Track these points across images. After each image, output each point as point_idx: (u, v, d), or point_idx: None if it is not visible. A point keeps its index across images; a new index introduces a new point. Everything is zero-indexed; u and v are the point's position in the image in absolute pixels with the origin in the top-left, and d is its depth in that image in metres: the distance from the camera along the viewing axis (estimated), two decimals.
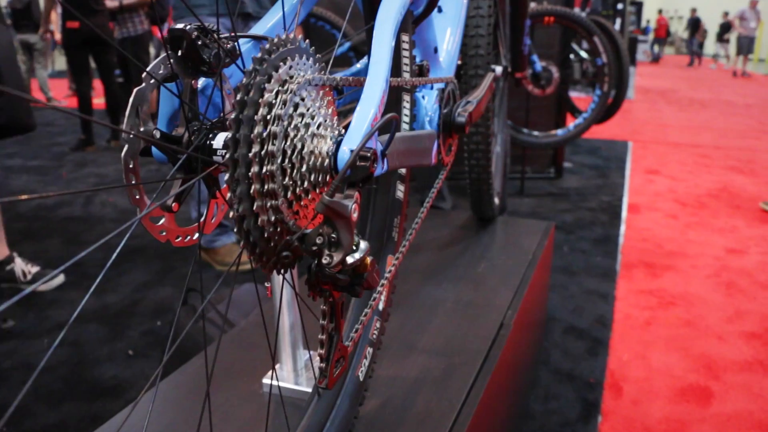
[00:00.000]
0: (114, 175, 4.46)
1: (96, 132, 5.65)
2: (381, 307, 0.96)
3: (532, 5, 3.44)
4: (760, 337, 2.19)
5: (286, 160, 0.54)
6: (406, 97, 0.95)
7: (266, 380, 1.06)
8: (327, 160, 0.57)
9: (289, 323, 1.03)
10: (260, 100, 0.52)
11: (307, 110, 0.57)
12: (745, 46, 14.24)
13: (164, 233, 0.63)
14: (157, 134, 0.59)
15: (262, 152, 0.52)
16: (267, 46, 0.55)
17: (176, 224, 0.65)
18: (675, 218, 3.51)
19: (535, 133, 3.54)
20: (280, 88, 0.54)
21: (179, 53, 0.60)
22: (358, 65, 0.98)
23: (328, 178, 0.58)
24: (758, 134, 6.50)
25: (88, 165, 4.83)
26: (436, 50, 1.08)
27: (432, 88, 1.04)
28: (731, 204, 3.82)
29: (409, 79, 0.84)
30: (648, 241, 3.12)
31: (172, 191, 0.62)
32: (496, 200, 1.83)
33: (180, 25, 0.60)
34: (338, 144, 0.57)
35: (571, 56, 4.17)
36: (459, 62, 1.51)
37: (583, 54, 4.00)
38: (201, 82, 0.65)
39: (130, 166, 0.57)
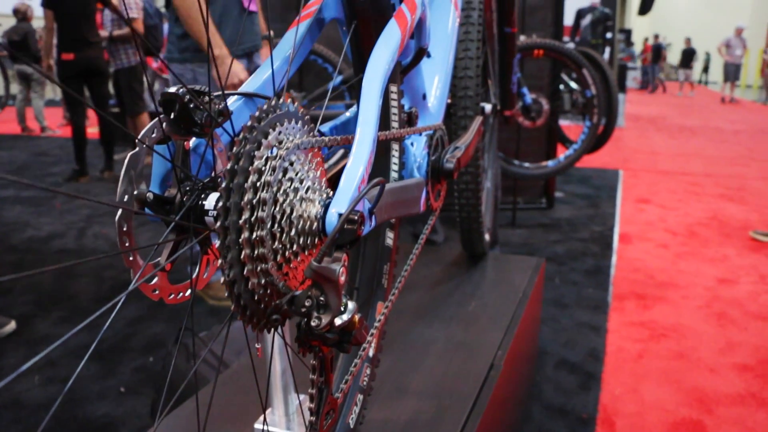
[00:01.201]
0: (106, 207, 4.46)
1: (90, 162, 5.66)
2: (371, 353, 0.97)
3: (522, 38, 3.50)
4: (752, 369, 2.20)
5: (276, 225, 0.56)
6: (395, 146, 0.97)
7: (258, 425, 1.06)
8: (316, 224, 0.59)
9: (281, 368, 1.03)
10: (250, 168, 0.54)
11: (296, 174, 0.59)
12: (732, 73, 14.44)
13: (157, 292, 0.64)
14: (150, 196, 0.61)
15: (252, 219, 0.54)
16: (257, 113, 0.57)
17: (169, 282, 0.66)
18: (666, 248, 3.53)
19: (526, 164, 3.57)
20: (269, 154, 0.56)
21: (171, 116, 0.62)
22: (348, 113, 1.00)
23: (317, 240, 0.59)
24: (747, 161, 6.57)
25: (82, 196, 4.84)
26: (424, 96, 1.10)
27: (421, 134, 1.06)
28: (721, 232, 3.85)
29: (398, 131, 0.86)
30: (639, 272, 3.14)
31: (164, 251, 0.64)
32: (487, 236, 1.84)
33: (172, 89, 0.62)
34: (326, 207, 0.59)
35: (561, 87, 4.23)
36: (449, 101, 1.53)
37: (573, 85, 4.06)
38: (193, 141, 0.67)
39: (124, 229, 0.59)
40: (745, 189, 5.13)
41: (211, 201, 0.62)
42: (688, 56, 17.59)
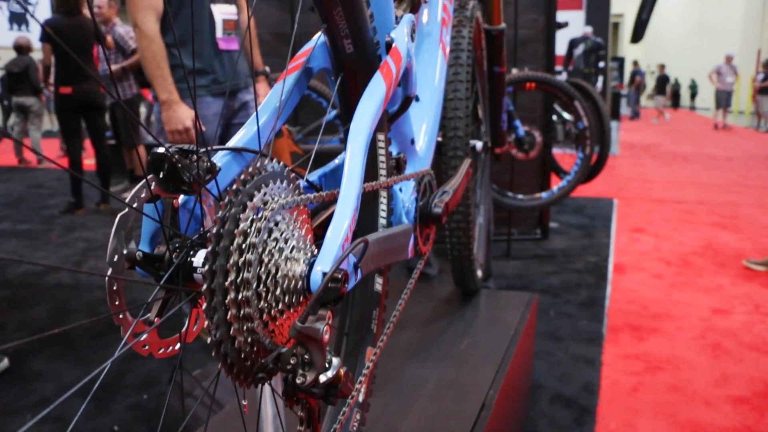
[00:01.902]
0: (103, 239, 4.47)
1: (86, 194, 5.68)
2: (361, 398, 0.98)
3: (514, 71, 3.55)
4: (747, 401, 2.20)
5: (261, 285, 0.57)
6: (384, 192, 0.99)
7: None
8: (300, 282, 0.60)
9: (271, 414, 1.04)
10: (235, 231, 0.56)
11: (281, 234, 0.60)
12: (724, 100, 14.59)
13: (147, 347, 0.65)
14: (140, 255, 0.62)
15: (238, 280, 0.55)
16: (242, 175, 0.58)
17: (158, 337, 0.67)
18: (660, 278, 3.54)
19: (520, 196, 3.60)
20: (254, 216, 0.58)
21: (161, 175, 0.63)
22: (336, 161, 1.01)
23: (302, 298, 0.60)
24: (740, 188, 6.61)
25: (77, 229, 4.85)
26: (413, 141, 1.12)
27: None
28: (716, 261, 3.86)
29: (384, 181, 0.87)
30: (634, 303, 3.14)
31: (154, 307, 0.65)
32: (479, 272, 1.86)
33: (161, 150, 0.64)
34: (311, 266, 0.61)
35: (554, 117, 4.28)
36: (439, 139, 1.56)
37: (566, 115, 4.11)
38: (181, 198, 0.69)
39: (114, 287, 0.60)
40: (738, 216, 5.16)
41: (199, 258, 0.63)
42: (662, 83, 17.77)
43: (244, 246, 0.56)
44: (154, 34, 2.25)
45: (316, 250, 0.63)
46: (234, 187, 0.57)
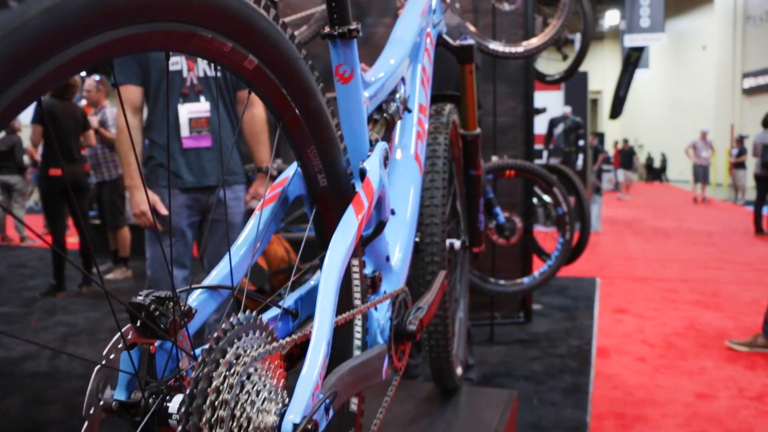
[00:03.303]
0: (84, 324, 4.42)
1: (68, 275, 5.65)
2: None
3: (494, 158, 3.65)
4: None
5: None
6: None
7: None
8: None
9: None
10: (209, 389, 0.58)
11: (253, 387, 0.62)
12: (701, 175, 14.95)
13: None
14: (116, 405, 0.64)
15: None
16: (215, 334, 0.61)
17: None
18: (644, 361, 3.55)
19: (502, 281, 3.63)
20: (227, 372, 0.60)
21: (138, 323, 0.66)
22: (312, 281, 1.04)
23: None
24: (720, 264, 6.70)
25: (58, 312, 4.80)
26: (388, 258, 1.15)
27: (384, 294, 1.11)
28: (698, 343, 3.88)
29: (358, 309, 0.90)
30: (618, 389, 3.13)
31: None
32: (459, 370, 1.86)
33: (139, 299, 0.66)
34: (282, 416, 0.62)
35: (535, 200, 4.37)
36: (417, 239, 1.59)
37: (546, 198, 4.20)
38: (157, 342, 0.71)
39: None
40: (719, 294, 5.21)
41: (175, 403, 0.65)
42: (627, 156, 18.05)
43: (216, 403, 0.58)
44: (122, 126, 2.48)
45: (287, 398, 0.65)
46: (207, 345, 0.60)
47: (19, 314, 4.77)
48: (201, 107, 2.46)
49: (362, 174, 0.98)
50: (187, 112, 2.45)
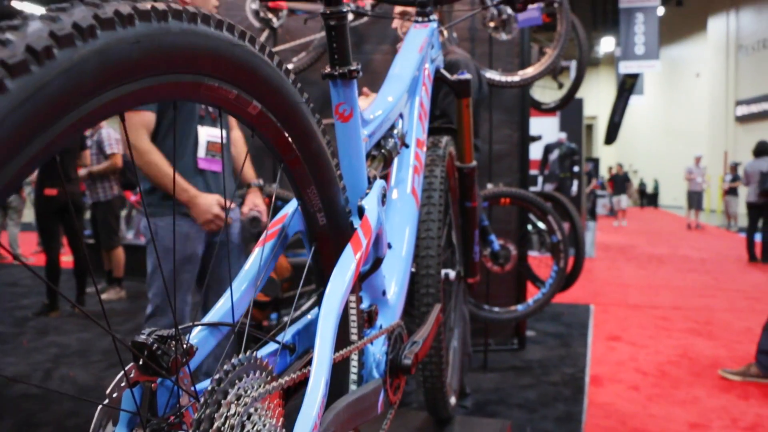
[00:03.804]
0: (76, 345, 4.40)
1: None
2: None
3: (489, 186, 3.68)
4: None
5: None
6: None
7: None
8: None
9: None
10: (210, 430, 0.59)
11: (254, 427, 0.63)
12: (695, 201, 15.04)
13: None
14: None
15: None
16: (216, 376, 0.62)
17: None
18: (637, 390, 3.55)
19: (496, 309, 3.64)
20: (228, 413, 0.61)
21: (140, 362, 0.67)
22: (309, 316, 1.05)
23: None
24: (714, 291, 6.72)
25: (50, 333, 4.78)
26: (384, 293, 1.17)
27: (380, 328, 1.12)
28: (692, 371, 3.89)
29: (354, 346, 0.92)
30: (611, 418, 3.13)
31: None
32: (453, 399, 1.87)
33: (141, 338, 0.68)
34: None
35: (530, 227, 4.39)
36: (412, 270, 1.61)
37: (541, 225, 4.22)
38: (159, 379, 0.72)
39: None
40: (712, 322, 5.23)
41: None
42: (620, 182, 18.00)
43: None
44: (148, 146, 2.31)
45: None
46: (209, 387, 0.61)
47: (10, 334, 4.74)
48: (217, 132, 2.47)
49: (360, 211, 1.00)
50: (206, 134, 2.46)
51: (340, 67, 0.98)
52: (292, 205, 0.96)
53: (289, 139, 0.80)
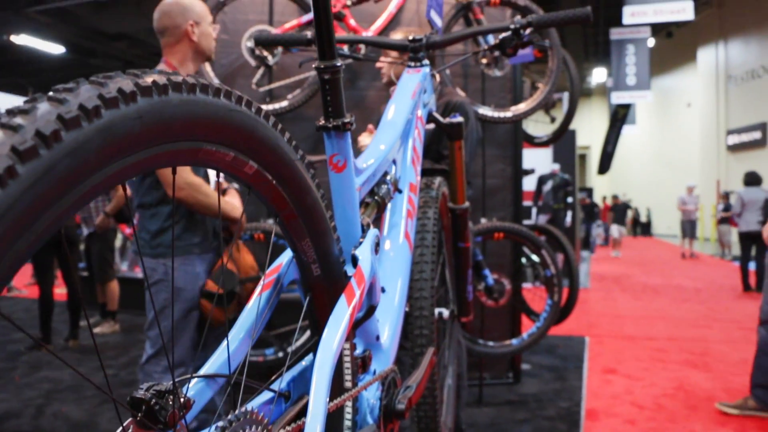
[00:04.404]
0: (69, 380, 4.37)
1: (54, 327, 5.60)
2: None
3: (483, 221, 3.70)
4: None
5: None
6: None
7: None
8: None
9: None
10: None
11: None
12: (689, 230, 15.11)
13: None
14: None
15: None
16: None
17: None
18: (633, 424, 3.54)
19: (490, 343, 3.64)
20: None
21: (138, 417, 0.68)
22: (303, 362, 1.06)
23: None
24: (709, 322, 6.73)
25: (43, 368, 4.74)
26: (378, 338, 1.18)
27: (374, 374, 1.13)
28: (688, 404, 3.88)
29: (349, 394, 0.93)
30: None
31: None
32: None
33: (140, 393, 0.69)
34: None
35: (524, 260, 4.41)
36: (406, 309, 1.62)
37: (535, 257, 4.24)
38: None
39: None
40: (708, 354, 5.23)
41: None
42: (621, 212, 17.88)
43: None
44: (200, 180, 2.29)
45: None
46: None
47: (3, 369, 4.71)
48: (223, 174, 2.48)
49: (354, 260, 1.02)
50: (214, 174, 2.47)
51: (334, 120, 1.01)
52: (287, 254, 0.98)
53: (285, 195, 0.82)
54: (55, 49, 16.44)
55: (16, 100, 8.73)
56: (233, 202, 2.47)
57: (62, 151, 0.46)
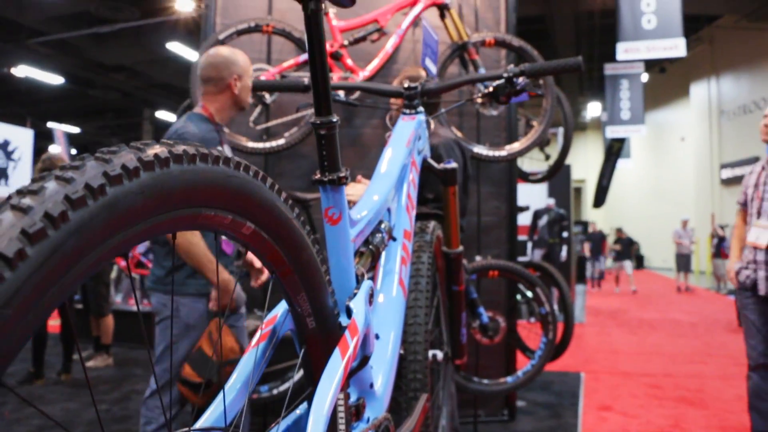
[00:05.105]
0: (62, 416, 4.33)
1: (47, 360, 5.56)
2: None
3: (477, 258, 3.72)
4: None
5: None
6: None
7: None
8: None
9: None
10: None
11: None
12: (683, 263, 15.14)
13: None
14: None
15: None
16: None
17: None
18: None
19: (485, 381, 3.64)
20: None
21: None
22: (298, 411, 1.07)
23: None
24: (704, 357, 6.72)
25: (35, 402, 4.70)
26: (372, 385, 1.20)
27: (368, 421, 1.14)
28: None
29: None
30: None
31: None
32: None
33: None
34: None
35: (519, 296, 4.42)
36: (401, 352, 1.64)
37: (530, 294, 4.25)
38: None
39: None
40: (704, 390, 5.21)
41: None
42: (627, 246, 17.58)
43: None
44: (197, 239, 2.33)
45: None
46: None
47: None
48: None
49: (348, 312, 1.04)
50: None
51: (329, 174, 1.03)
52: (282, 306, 1.00)
53: (281, 252, 0.84)
54: (55, 79, 16.61)
55: (15, 130, 8.79)
56: (231, 285, 2.48)
57: (69, 230, 0.48)
